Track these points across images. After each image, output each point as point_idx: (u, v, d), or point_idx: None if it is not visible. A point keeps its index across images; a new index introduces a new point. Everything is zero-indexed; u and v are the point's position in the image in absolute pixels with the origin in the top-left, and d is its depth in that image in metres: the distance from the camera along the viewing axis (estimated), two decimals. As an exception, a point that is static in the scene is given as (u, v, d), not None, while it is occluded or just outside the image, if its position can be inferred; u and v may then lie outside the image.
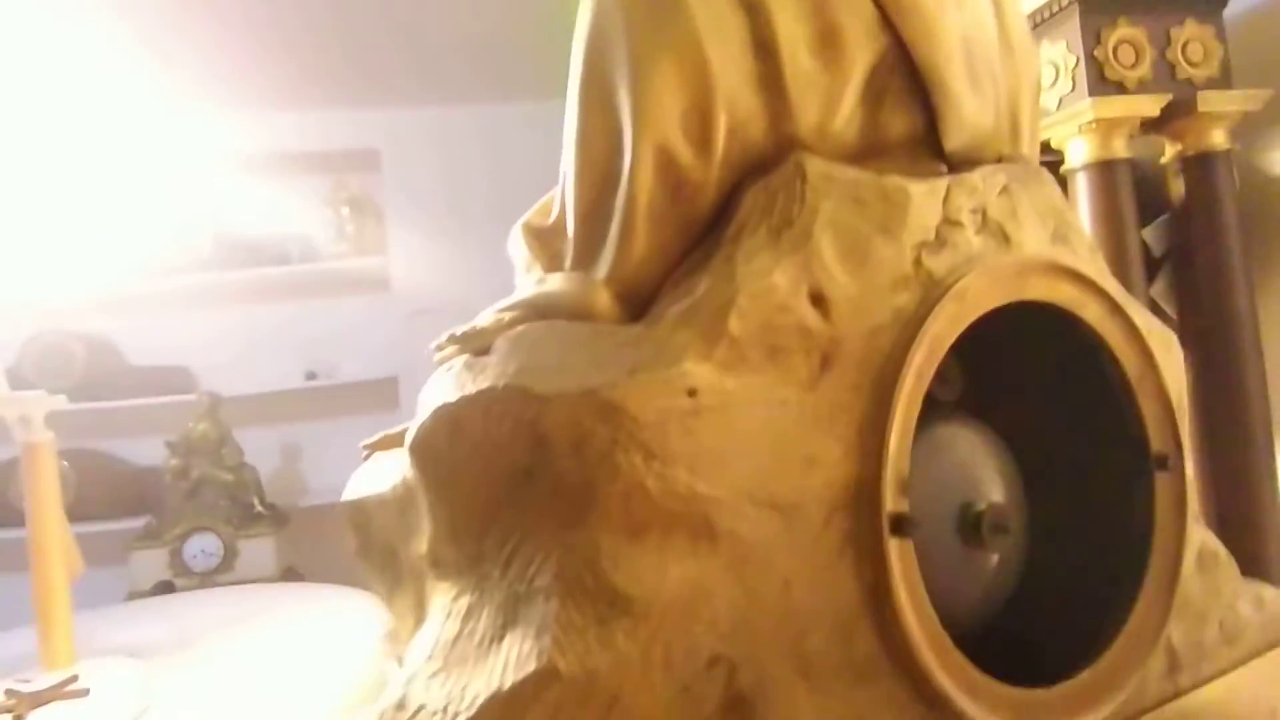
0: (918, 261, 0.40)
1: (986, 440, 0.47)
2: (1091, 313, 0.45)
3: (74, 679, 0.89)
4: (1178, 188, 0.88)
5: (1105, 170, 0.83)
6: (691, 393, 0.33)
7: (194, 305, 2.66)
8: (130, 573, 2.31)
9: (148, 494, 2.54)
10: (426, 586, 0.36)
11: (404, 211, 2.66)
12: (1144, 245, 0.88)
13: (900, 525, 0.37)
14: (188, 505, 2.43)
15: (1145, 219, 0.90)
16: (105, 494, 2.34)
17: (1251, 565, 0.58)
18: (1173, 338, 0.51)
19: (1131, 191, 0.84)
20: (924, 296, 0.39)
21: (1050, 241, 0.46)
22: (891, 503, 0.37)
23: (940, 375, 0.47)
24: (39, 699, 0.83)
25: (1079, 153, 0.85)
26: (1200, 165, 0.87)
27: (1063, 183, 0.77)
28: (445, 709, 0.29)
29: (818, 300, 0.37)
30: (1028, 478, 0.48)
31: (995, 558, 0.45)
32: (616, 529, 0.32)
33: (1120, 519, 0.47)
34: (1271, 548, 0.87)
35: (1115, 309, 0.46)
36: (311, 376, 2.72)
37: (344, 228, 2.82)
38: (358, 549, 0.44)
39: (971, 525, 0.44)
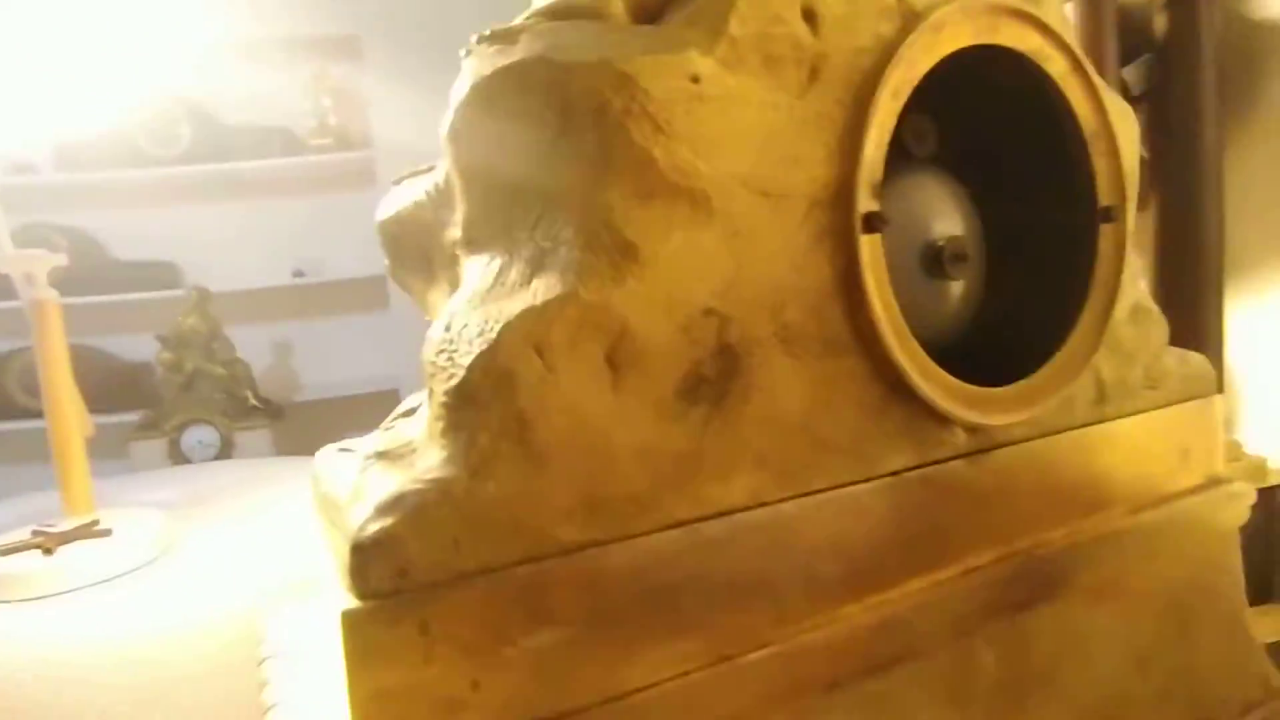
0: (900, -4, 0.44)
1: (953, 191, 0.52)
2: (1056, 67, 0.50)
3: (96, 522, 0.94)
4: (1161, 23, 0.91)
5: (1089, 4, 0.86)
6: (695, 79, 0.37)
7: (176, 199, 2.62)
8: (132, 464, 2.37)
9: (141, 388, 2.58)
10: (460, 270, 0.42)
11: (388, 102, 2.58)
12: (1123, 83, 0.91)
13: (871, 223, 0.42)
14: (183, 398, 2.47)
15: (1127, 61, 0.93)
16: (98, 388, 2.38)
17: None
18: (1129, 110, 0.55)
19: (1115, 27, 0.87)
20: (903, 26, 0.44)
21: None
22: (864, 203, 0.42)
23: (916, 131, 0.52)
24: (65, 537, 0.89)
25: (1067, -16, 0.87)
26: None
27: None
28: (485, 322, 0.35)
29: (809, 16, 0.41)
30: (990, 230, 0.53)
31: (957, 289, 0.51)
32: (629, 194, 0.37)
33: (1069, 265, 0.53)
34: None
35: (1078, 67, 0.50)
36: (299, 274, 2.71)
37: (326, 119, 2.75)
38: (392, 266, 0.49)
39: (934, 258, 0.50)
